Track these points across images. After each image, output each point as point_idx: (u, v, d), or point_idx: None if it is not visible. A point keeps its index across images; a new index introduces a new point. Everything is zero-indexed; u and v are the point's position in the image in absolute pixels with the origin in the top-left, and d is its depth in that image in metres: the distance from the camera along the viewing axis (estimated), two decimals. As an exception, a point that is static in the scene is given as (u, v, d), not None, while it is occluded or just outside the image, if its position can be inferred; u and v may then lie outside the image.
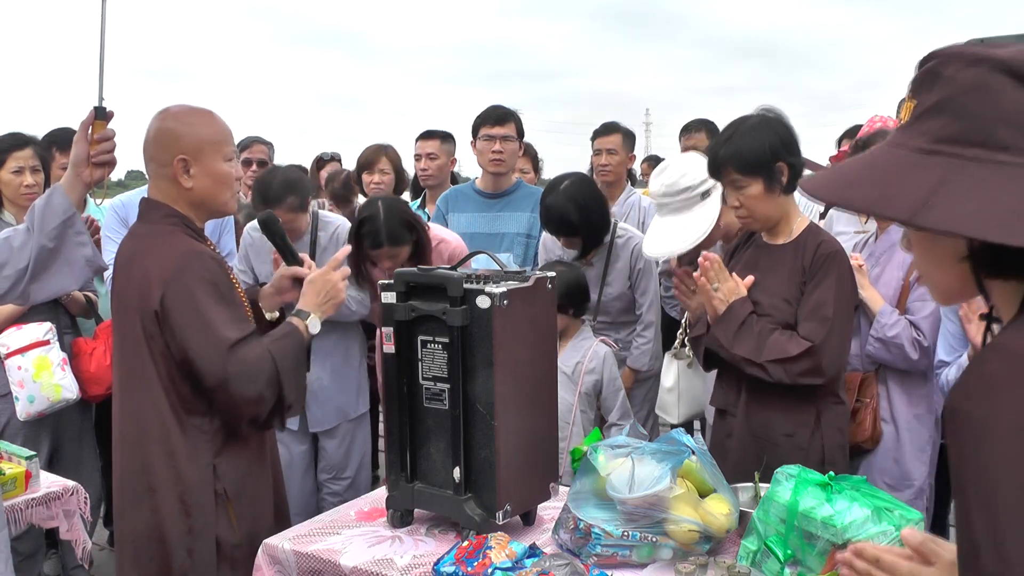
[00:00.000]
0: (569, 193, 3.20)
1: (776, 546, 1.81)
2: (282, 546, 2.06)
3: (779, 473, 1.90)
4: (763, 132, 2.39)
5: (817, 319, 2.33)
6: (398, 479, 2.12)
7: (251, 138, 4.85)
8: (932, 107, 0.96)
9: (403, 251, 3.19)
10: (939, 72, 0.97)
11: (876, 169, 0.99)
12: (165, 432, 2.18)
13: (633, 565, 1.91)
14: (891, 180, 0.96)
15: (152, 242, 2.24)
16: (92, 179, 2.26)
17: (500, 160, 3.73)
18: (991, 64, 0.93)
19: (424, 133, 4.39)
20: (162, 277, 2.16)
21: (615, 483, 1.91)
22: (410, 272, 2.11)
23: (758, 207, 2.41)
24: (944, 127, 0.95)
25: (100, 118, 2.29)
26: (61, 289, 2.33)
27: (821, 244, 2.40)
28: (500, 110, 3.78)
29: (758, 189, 2.38)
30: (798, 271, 2.40)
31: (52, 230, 2.19)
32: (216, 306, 2.18)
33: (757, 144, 2.36)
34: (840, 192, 1.00)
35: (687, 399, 3.06)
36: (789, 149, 2.39)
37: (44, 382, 3.18)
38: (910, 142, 0.97)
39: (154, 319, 2.16)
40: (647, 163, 9.19)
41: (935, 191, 0.91)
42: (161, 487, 2.19)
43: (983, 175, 0.91)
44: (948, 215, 0.90)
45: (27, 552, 3.37)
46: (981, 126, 0.93)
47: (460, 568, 1.83)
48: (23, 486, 2.61)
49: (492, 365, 1.96)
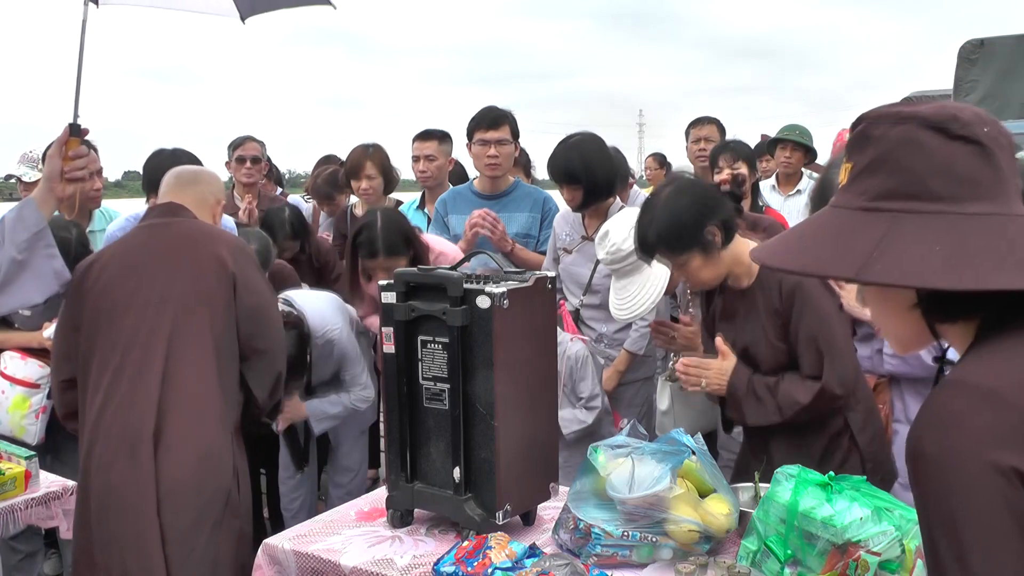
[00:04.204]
0: (577, 144, 3.29)
1: (776, 546, 1.81)
2: (282, 546, 2.06)
3: (779, 473, 1.90)
4: (680, 203, 2.31)
5: (812, 353, 2.30)
6: (398, 479, 2.12)
7: (244, 136, 4.93)
8: (867, 166, 1.01)
9: (399, 263, 3.16)
10: (869, 134, 1.02)
11: (823, 232, 1.03)
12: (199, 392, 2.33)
13: (633, 565, 1.91)
14: (836, 241, 1.00)
15: (201, 224, 2.54)
16: (64, 195, 2.35)
17: (496, 164, 3.72)
18: (917, 121, 0.98)
19: (421, 134, 4.33)
20: (230, 245, 2.49)
21: (615, 483, 1.91)
22: (410, 272, 2.11)
23: (703, 275, 2.36)
24: (880, 184, 0.99)
25: (74, 135, 2.34)
26: (26, 301, 2.43)
27: (782, 280, 2.33)
28: (493, 113, 3.74)
29: (697, 261, 2.32)
30: (772, 313, 2.35)
31: (23, 243, 2.24)
32: None
33: (679, 219, 2.29)
34: (794, 259, 1.03)
35: (684, 421, 3.06)
36: (712, 208, 2.31)
37: (13, 418, 3.18)
38: (851, 202, 1.02)
39: (231, 281, 2.41)
40: (652, 158, 9.25)
41: (877, 246, 0.96)
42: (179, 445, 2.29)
43: (921, 225, 0.96)
44: (891, 268, 0.94)
45: (27, 551, 3.37)
46: (914, 179, 0.97)
47: (460, 568, 1.83)
48: (23, 486, 2.61)
49: (492, 365, 1.96)
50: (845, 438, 2.37)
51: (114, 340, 2.34)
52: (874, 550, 1.71)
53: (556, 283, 2.15)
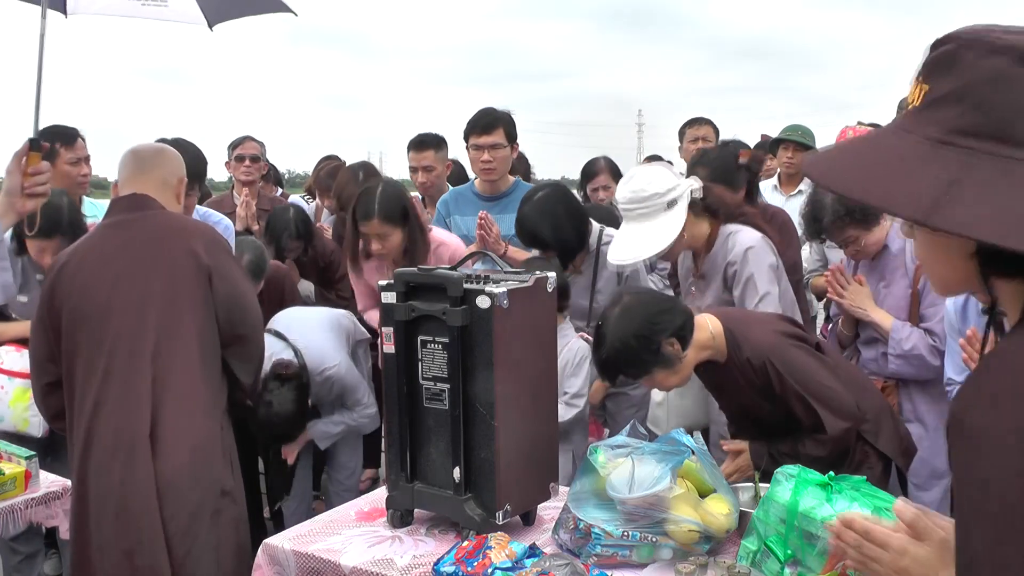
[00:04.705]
0: (542, 206, 3.16)
1: (776, 546, 1.81)
2: (282, 546, 2.06)
3: (779, 473, 1.90)
4: (629, 329, 2.28)
5: (804, 407, 2.30)
6: (398, 479, 2.12)
7: (243, 136, 4.96)
8: (948, 95, 0.92)
9: (393, 234, 3.21)
10: (957, 58, 0.92)
11: (887, 158, 0.94)
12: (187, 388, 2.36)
13: (633, 565, 1.91)
14: (902, 173, 0.91)
15: (170, 217, 2.52)
16: (25, 209, 2.36)
17: (490, 169, 3.70)
18: (1013, 56, 0.89)
19: (416, 143, 4.26)
20: (203, 236, 2.49)
21: (615, 483, 1.91)
22: (410, 272, 2.11)
23: (671, 381, 2.37)
24: (959, 117, 0.90)
25: (35, 150, 2.33)
26: None
27: (750, 359, 2.32)
28: (487, 118, 3.70)
29: (662, 374, 2.33)
30: (752, 386, 2.35)
31: None
32: None
33: (629, 347, 2.28)
34: (858, 186, 0.94)
35: (676, 414, 3.06)
36: (662, 324, 2.28)
37: (16, 412, 3.16)
38: (922, 129, 0.93)
39: (206, 275, 2.41)
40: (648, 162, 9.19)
41: (948, 189, 0.87)
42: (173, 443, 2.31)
43: (997, 172, 0.87)
44: (962, 217, 0.86)
45: (27, 552, 3.36)
46: (1000, 119, 0.89)
47: (460, 568, 1.83)
48: (23, 486, 2.60)
49: (492, 365, 1.96)
50: (863, 448, 2.38)
51: (99, 343, 2.36)
52: (874, 550, 1.71)
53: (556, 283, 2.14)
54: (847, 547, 1.30)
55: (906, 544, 1.20)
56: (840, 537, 1.28)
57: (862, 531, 1.25)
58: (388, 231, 3.20)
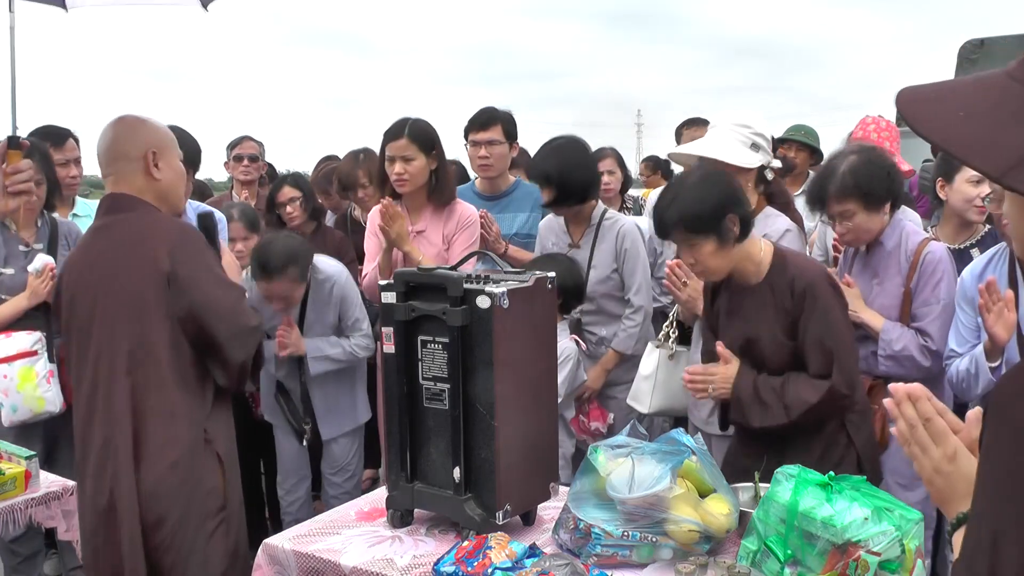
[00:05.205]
0: (558, 147, 3.40)
1: (776, 546, 1.81)
2: (282, 546, 2.06)
3: (779, 473, 1.90)
4: (707, 188, 2.34)
5: (821, 352, 2.32)
6: (398, 479, 2.12)
7: (241, 136, 4.96)
8: None
9: (418, 159, 3.27)
10: None
11: (982, 103, 0.86)
12: (165, 399, 2.31)
13: (633, 565, 1.91)
14: (994, 123, 0.84)
15: (140, 220, 2.37)
16: (8, 209, 2.34)
17: (487, 165, 3.71)
18: None
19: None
20: (168, 240, 2.32)
21: (615, 483, 1.91)
22: (410, 272, 2.11)
23: (712, 263, 2.37)
24: None
25: (14, 148, 2.32)
26: None
27: (794, 280, 2.35)
28: (485, 115, 3.72)
29: (711, 246, 2.34)
30: (781, 312, 2.37)
31: None
32: (220, 267, 2.40)
33: (703, 201, 2.31)
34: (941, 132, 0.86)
35: (662, 391, 3.06)
36: (735, 200, 2.35)
37: (27, 394, 3.16)
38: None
39: (164, 282, 2.29)
40: (645, 164, 9.18)
41: None
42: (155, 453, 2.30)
43: None
44: None
45: (27, 552, 3.36)
46: None
47: (460, 568, 1.83)
48: (23, 486, 2.61)
49: (492, 365, 1.96)
50: (842, 436, 2.39)
51: (85, 356, 2.37)
52: (874, 550, 1.71)
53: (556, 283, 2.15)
54: (900, 419, 1.18)
55: (959, 451, 1.13)
56: (899, 408, 1.17)
57: (923, 415, 1.15)
58: (414, 154, 3.26)
